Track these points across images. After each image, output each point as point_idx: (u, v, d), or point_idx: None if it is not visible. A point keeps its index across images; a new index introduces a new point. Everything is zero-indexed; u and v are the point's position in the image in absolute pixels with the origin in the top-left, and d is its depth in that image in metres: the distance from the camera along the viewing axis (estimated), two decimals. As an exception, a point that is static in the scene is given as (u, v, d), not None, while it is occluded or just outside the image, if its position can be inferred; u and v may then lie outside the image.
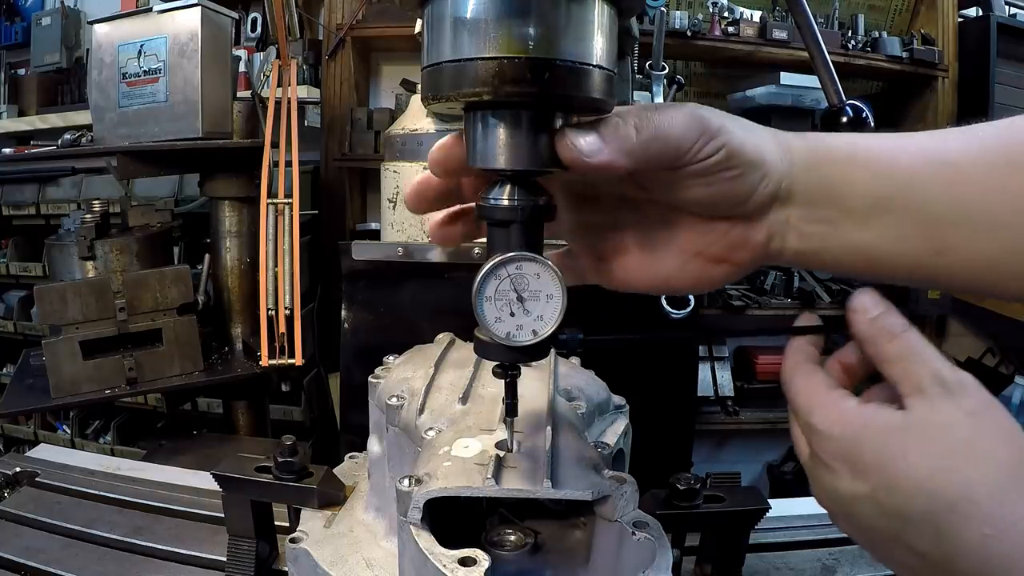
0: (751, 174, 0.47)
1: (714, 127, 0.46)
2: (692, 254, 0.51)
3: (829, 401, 0.46)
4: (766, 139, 0.48)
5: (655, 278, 0.53)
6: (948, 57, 2.89)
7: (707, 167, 0.46)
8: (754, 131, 0.48)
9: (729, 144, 0.46)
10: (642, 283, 0.54)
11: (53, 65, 3.27)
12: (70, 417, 3.15)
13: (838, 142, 0.49)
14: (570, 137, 0.45)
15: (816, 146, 0.49)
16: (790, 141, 0.49)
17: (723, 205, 0.48)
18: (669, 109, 0.47)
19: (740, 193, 0.47)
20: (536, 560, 0.60)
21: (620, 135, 0.45)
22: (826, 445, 0.46)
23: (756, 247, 0.50)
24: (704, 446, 3.13)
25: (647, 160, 0.46)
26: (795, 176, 0.48)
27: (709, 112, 0.47)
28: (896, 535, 0.43)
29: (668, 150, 0.45)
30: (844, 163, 0.47)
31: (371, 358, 0.83)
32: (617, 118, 0.46)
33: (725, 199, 0.48)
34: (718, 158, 0.46)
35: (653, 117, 0.45)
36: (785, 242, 0.49)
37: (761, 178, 0.47)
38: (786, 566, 1.01)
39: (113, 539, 1.04)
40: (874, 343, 0.46)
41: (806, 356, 0.50)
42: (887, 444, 0.43)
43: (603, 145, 0.44)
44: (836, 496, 0.46)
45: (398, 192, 1.23)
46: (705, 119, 0.46)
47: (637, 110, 0.47)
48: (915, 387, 0.44)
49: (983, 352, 3.10)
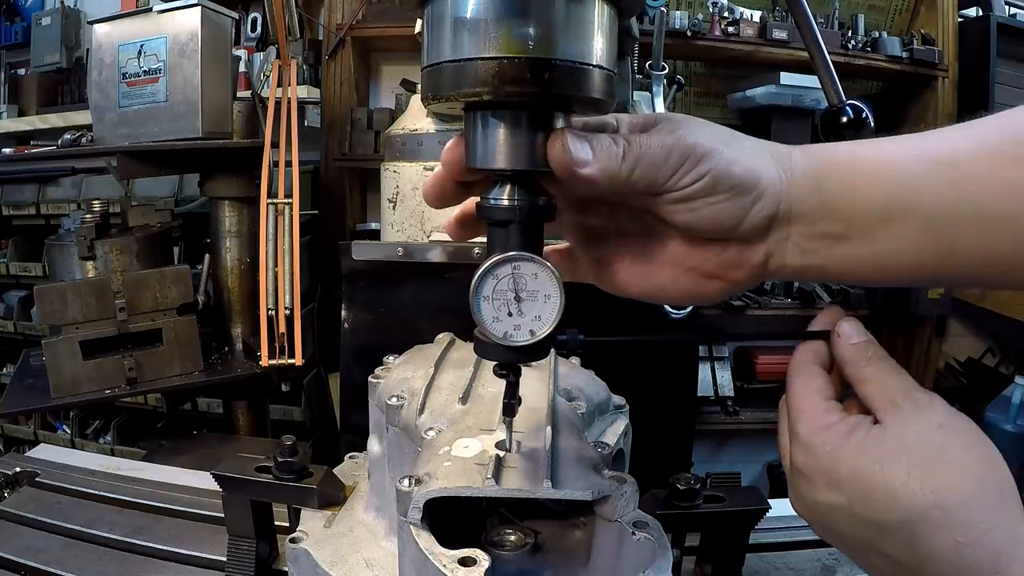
0: (739, 199, 0.46)
1: (700, 152, 0.45)
2: (685, 269, 0.51)
3: (817, 412, 0.47)
4: (762, 160, 0.47)
5: (649, 287, 0.53)
6: (948, 57, 2.89)
7: (688, 195, 0.46)
8: (749, 153, 0.47)
9: (715, 170, 0.45)
10: (636, 290, 0.54)
11: (53, 65, 3.27)
12: (70, 417, 3.15)
13: (839, 153, 0.48)
14: (568, 140, 0.44)
15: (818, 158, 0.48)
16: (791, 157, 0.48)
17: (710, 230, 0.48)
18: (655, 132, 0.46)
19: (727, 219, 0.47)
20: (536, 560, 0.60)
21: (607, 155, 0.45)
22: (805, 456, 0.47)
23: (753, 267, 0.49)
24: (704, 446, 3.13)
25: (629, 184, 0.45)
26: (796, 194, 0.47)
27: (702, 135, 0.46)
28: (871, 543, 0.44)
29: (648, 178, 0.45)
30: (847, 174, 0.46)
31: (371, 358, 0.83)
32: (608, 138, 0.45)
33: (711, 225, 0.47)
34: (700, 186, 0.45)
35: (641, 140, 0.45)
36: (785, 259, 0.49)
37: (753, 202, 0.46)
38: (786, 566, 1.01)
39: (113, 539, 1.04)
40: (853, 364, 0.48)
41: (814, 356, 0.50)
42: (862, 456, 0.44)
43: (592, 160, 0.44)
44: (813, 506, 0.47)
45: (398, 192, 1.23)
46: (691, 145, 0.45)
47: (624, 121, 0.47)
48: (889, 402, 0.45)
49: (983, 352, 3.10)
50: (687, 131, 0.46)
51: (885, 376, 0.47)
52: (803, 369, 0.50)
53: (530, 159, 0.46)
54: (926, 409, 0.44)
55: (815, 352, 0.50)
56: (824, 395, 0.48)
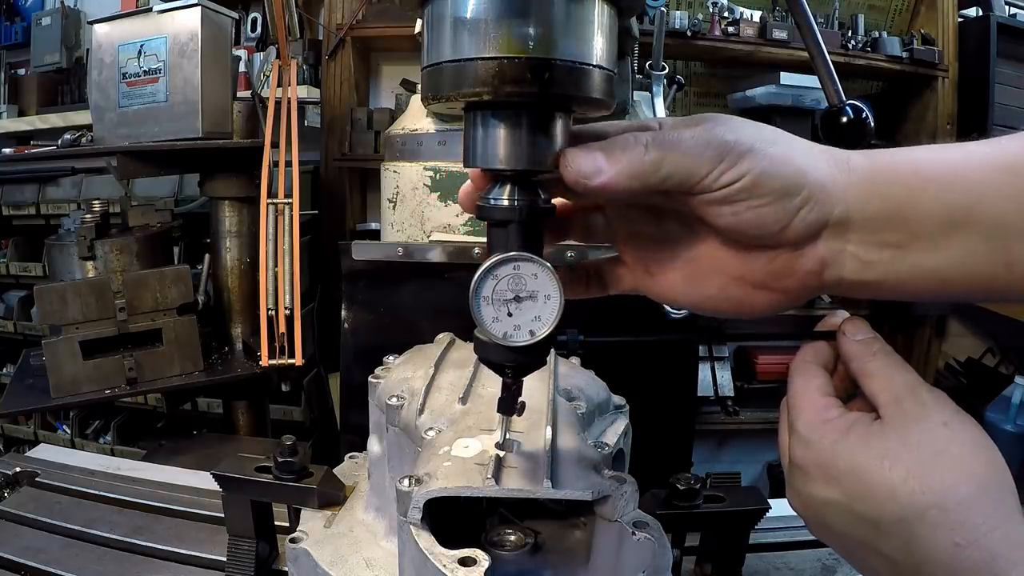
0: (785, 201, 0.44)
1: (740, 150, 0.43)
2: (733, 278, 0.49)
3: (816, 406, 0.47)
4: (814, 161, 0.45)
5: (698, 296, 0.51)
6: (948, 57, 2.89)
7: (728, 195, 0.44)
8: (799, 153, 0.45)
9: (756, 169, 0.43)
10: (685, 299, 0.52)
11: (53, 65, 3.27)
12: (70, 417, 3.15)
13: (899, 158, 0.45)
14: (569, 157, 0.44)
15: (879, 163, 0.45)
16: (851, 160, 0.45)
17: (754, 235, 0.45)
18: (689, 127, 0.44)
19: (771, 222, 0.44)
20: (536, 560, 0.60)
21: (628, 155, 0.43)
22: (803, 450, 0.46)
23: (806, 276, 0.47)
24: (704, 446, 3.13)
25: (659, 183, 0.44)
26: (855, 198, 0.44)
27: (738, 132, 0.44)
28: (868, 541, 0.44)
29: (680, 175, 0.43)
30: (909, 180, 0.44)
31: (371, 358, 0.83)
32: (631, 135, 0.44)
33: (754, 228, 0.45)
34: (741, 185, 0.43)
35: (669, 135, 0.43)
36: (843, 271, 0.46)
37: (800, 205, 0.44)
38: (786, 566, 1.01)
39: (113, 539, 1.04)
40: (859, 360, 0.47)
41: (816, 356, 0.50)
42: (862, 452, 0.43)
43: (605, 166, 0.43)
44: (810, 501, 0.46)
45: (398, 192, 1.23)
46: (727, 143, 0.43)
47: (656, 126, 0.45)
48: (892, 398, 0.44)
49: (983, 352, 3.10)
50: (725, 128, 0.44)
51: (890, 371, 0.46)
52: (804, 367, 0.50)
53: (530, 159, 0.46)
54: (931, 407, 0.44)
55: (817, 351, 0.50)
56: (824, 392, 0.48)
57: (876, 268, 0.45)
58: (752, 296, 0.49)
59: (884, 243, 0.44)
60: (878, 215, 0.44)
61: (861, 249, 0.45)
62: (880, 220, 0.44)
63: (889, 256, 0.45)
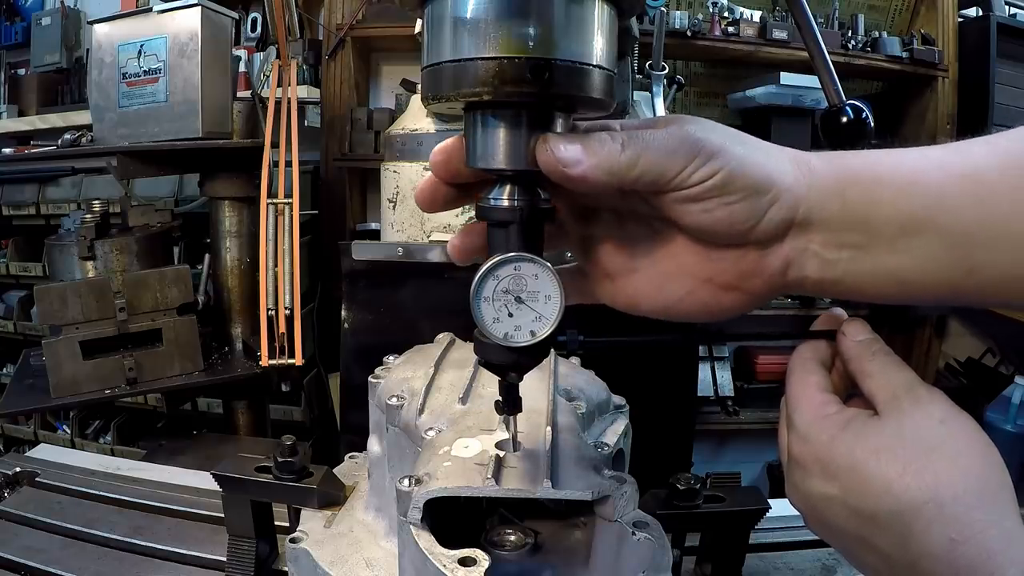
0: (755, 200, 0.44)
1: (710, 149, 0.43)
2: (701, 280, 0.49)
3: (815, 402, 0.47)
4: (778, 161, 0.45)
5: (664, 301, 0.50)
6: (948, 57, 2.89)
7: (700, 192, 0.44)
8: (763, 153, 0.46)
9: (728, 167, 0.43)
10: (649, 305, 0.51)
11: (53, 65, 3.27)
12: (70, 417, 3.15)
13: (860, 161, 0.46)
14: (551, 142, 0.44)
15: (839, 166, 0.46)
16: (811, 162, 0.46)
17: (724, 233, 0.46)
18: (661, 126, 0.45)
19: (742, 220, 0.45)
20: (536, 560, 0.60)
21: (604, 150, 0.43)
22: (801, 445, 0.47)
23: (771, 276, 0.47)
24: (704, 446, 3.13)
25: (633, 180, 0.44)
26: (816, 200, 0.45)
27: (708, 131, 0.44)
28: (864, 537, 0.44)
29: (654, 172, 0.44)
30: (869, 183, 0.45)
31: (371, 358, 0.83)
32: (605, 133, 0.44)
33: (725, 226, 0.45)
34: (712, 183, 0.44)
35: (643, 135, 0.44)
36: (805, 270, 0.47)
37: (769, 204, 0.44)
38: (786, 566, 1.01)
39: (113, 539, 1.04)
40: (857, 359, 0.48)
41: (814, 354, 0.50)
42: (859, 446, 0.44)
43: (583, 157, 0.43)
44: (807, 496, 0.47)
45: (398, 192, 1.23)
46: (700, 140, 0.43)
47: (630, 125, 0.45)
48: (890, 396, 0.45)
49: (983, 352, 3.10)
50: (697, 127, 0.45)
51: (888, 370, 0.46)
52: (803, 364, 0.50)
53: (530, 159, 0.46)
54: (927, 404, 0.44)
55: (816, 349, 0.50)
56: (822, 388, 0.48)
57: (837, 267, 0.46)
58: (719, 297, 0.49)
59: (844, 243, 0.45)
60: (838, 216, 0.45)
61: (823, 248, 0.46)
62: (840, 220, 0.45)
63: (849, 256, 0.45)
